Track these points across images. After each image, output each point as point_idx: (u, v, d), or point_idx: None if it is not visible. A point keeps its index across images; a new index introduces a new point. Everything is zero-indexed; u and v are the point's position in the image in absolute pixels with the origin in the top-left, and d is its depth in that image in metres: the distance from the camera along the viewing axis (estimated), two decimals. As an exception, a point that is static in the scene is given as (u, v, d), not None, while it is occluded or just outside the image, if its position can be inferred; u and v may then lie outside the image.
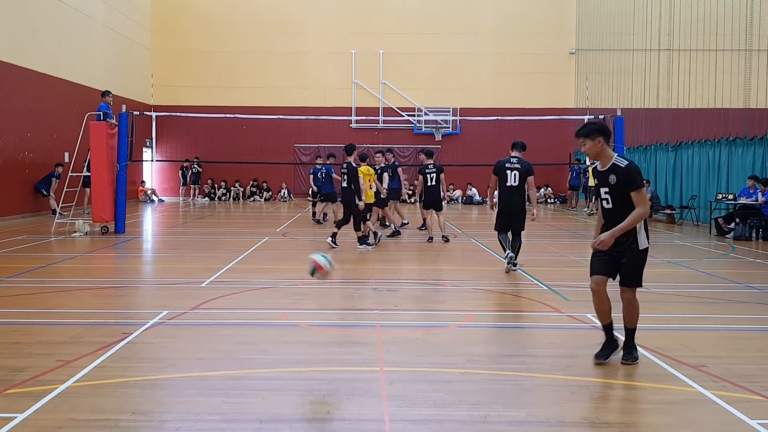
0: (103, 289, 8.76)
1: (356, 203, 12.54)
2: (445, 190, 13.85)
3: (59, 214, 16.08)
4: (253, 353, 5.68)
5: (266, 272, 9.98)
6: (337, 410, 4.41)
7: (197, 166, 28.51)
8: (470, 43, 29.70)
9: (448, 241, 13.73)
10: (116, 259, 11.97)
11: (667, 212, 19.40)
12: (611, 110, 17.34)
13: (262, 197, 29.53)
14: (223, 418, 4.25)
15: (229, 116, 21.85)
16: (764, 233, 14.83)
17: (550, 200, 29.52)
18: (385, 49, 29.67)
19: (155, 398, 4.64)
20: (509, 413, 4.37)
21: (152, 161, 28.45)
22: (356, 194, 12.52)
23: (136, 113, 16.52)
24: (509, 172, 9.89)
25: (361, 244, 12.64)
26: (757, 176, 15.58)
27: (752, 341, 6.34)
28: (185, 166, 28.65)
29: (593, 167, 22.05)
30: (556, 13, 29.72)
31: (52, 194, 19.33)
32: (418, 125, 29.59)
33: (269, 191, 29.80)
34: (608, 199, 5.38)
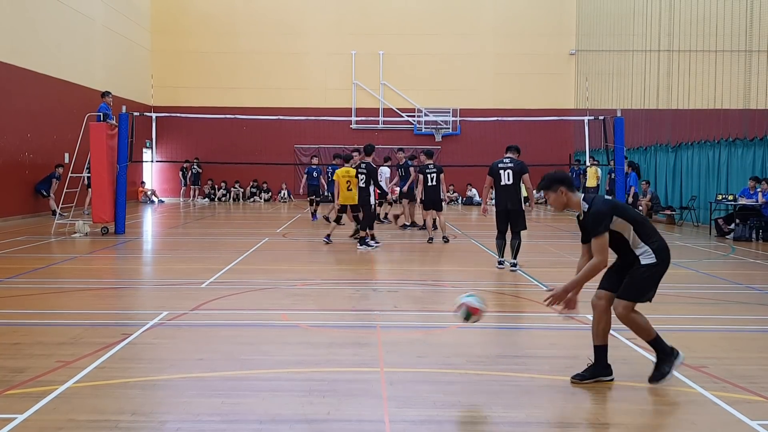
0: (103, 289, 8.76)
1: (371, 203, 12.95)
2: (445, 190, 13.84)
3: (59, 214, 16.07)
4: (253, 354, 5.68)
5: (266, 273, 9.98)
6: (337, 411, 4.40)
7: (197, 166, 28.51)
8: (470, 43, 29.70)
9: (447, 241, 13.74)
10: (116, 259, 11.97)
11: (667, 213, 19.39)
12: (611, 111, 17.35)
13: (261, 198, 29.54)
14: (223, 418, 4.25)
15: (229, 117, 21.84)
16: (764, 234, 14.83)
17: (550, 201, 29.50)
18: (385, 49, 29.67)
19: (155, 399, 4.64)
20: (509, 414, 4.37)
21: (152, 162, 28.43)
22: (371, 194, 12.88)
23: (136, 114, 16.51)
24: (503, 171, 10.14)
25: (361, 245, 12.68)
26: (758, 177, 15.59)
27: (752, 342, 6.34)
28: (185, 166, 28.65)
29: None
30: (556, 13, 29.73)
31: (52, 195, 19.33)
32: (418, 126, 29.59)
33: (269, 192, 29.80)
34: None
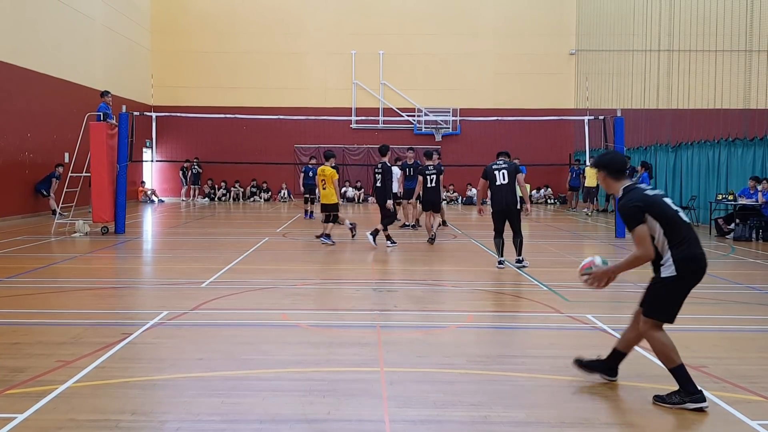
0: (103, 289, 8.76)
1: (387, 202, 13.13)
2: (443, 191, 13.82)
3: (59, 214, 16.08)
4: (253, 354, 5.68)
5: (266, 273, 9.98)
6: (337, 410, 4.40)
7: (197, 166, 28.51)
8: (470, 43, 29.69)
9: (432, 242, 13.54)
10: (116, 259, 11.97)
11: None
12: (611, 111, 17.34)
13: (261, 198, 29.54)
14: (223, 418, 4.25)
15: (229, 117, 21.84)
16: (764, 234, 14.83)
17: (549, 201, 29.51)
18: (385, 49, 29.67)
19: (155, 399, 4.64)
20: (509, 414, 4.37)
21: (152, 162, 28.45)
22: (388, 193, 13.14)
23: (136, 114, 16.52)
24: (497, 172, 10.49)
25: (391, 243, 12.94)
26: (758, 177, 15.59)
27: (752, 342, 6.34)
28: (186, 166, 28.64)
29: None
30: (556, 13, 29.72)
31: (52, 194, 19.33)
32: (418, 126, 29.59)
33: (269, 192, 29.80)
34: None
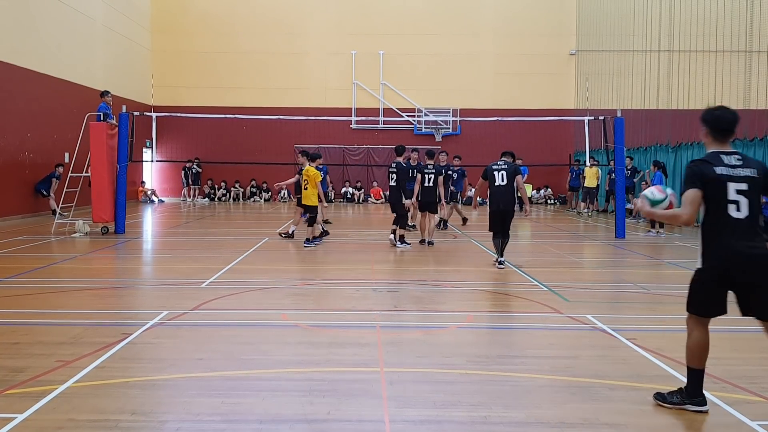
0: (103, 289, 8.76)
1: (402, 202, 13.19)
2: (441, 191, 13.67)
3: (59, 214, 16.08)
4: (253, 354, 5.68)
5: (266, 273, 9.98)
6: (337, 411, 4.40)
7: (197, 166, 28.51)
8: (470, 43, 29.69)
9: (417, 243, 13.49)
10: (116, 259, 11.97)
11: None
12: (611, 111, 17.35)
13: (261, 198, 29.53)
14: (223, 418, 4.26)
15: (229, 117, 21.83)
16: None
17: (549, 201, 29.50)
18: (385, 49, 29.67)
19: (155, 398, 4.64)
20: (509, 414, 4.37)
21: (152, 162, 28.44)
22: (403, 193, 13.22)
23: (136, 114, 16.51)
24: (497, 173, 10.59)
25: (401, 243, 12.99)
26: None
27: (752, 342, 6.32)
28: (187, 166, 28.64)
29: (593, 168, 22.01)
30: (556, 13, 29.72)
31: (52, 194, 19.33)
32: (418, 126, 29.59)
33: (269, 192, 29.79)
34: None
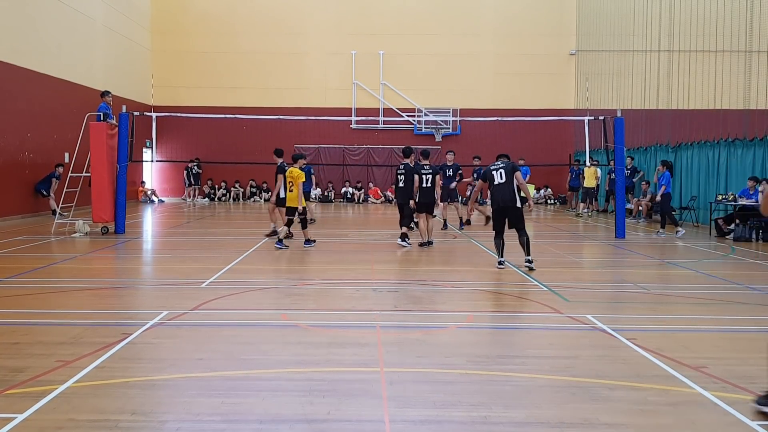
0: (103, 289, 8.76)
1: (409, 203, 13.36)
2: (438, 192, 13.65)
3: (59, 214, 16.08)
4: (253, 354, 5.68)
5: (266, 273, 9.99)
6: (337, 411, 4.40)
7: (197, 166, 28.51)
8: (470, 43, 29.69)
9: (413, 245, 13.42)
10: (116, 259, 11.97)
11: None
12: (611, 111, 17.35)
13: (261, 198, 29.52)
14: (223, 418, 4.26)
15: (229, 117, 21.81)
16: (764, 234, 14.83)
17: (550, 201, 29.49)
18: (385, 49, 29.66)
19: (155, 398, 4.64)
20: (509, 414, 4.37)
21: (152, 162, 28.44)
22: (410, 194, 13.34)
23: (136, 114, 16.50)
24: (495, 172, 10.68)
25: (402, 240, 13.31)
26: (757, 177, 15.59)
27: (752, 342, 6.33)
28: (189, 166, 28.63)
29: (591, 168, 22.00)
30: (556, 13, 29.72)
31: (52, 194, 19.33)
32: (418, 126, 29.59)
33: (269, 192, 29.76)
34: None
